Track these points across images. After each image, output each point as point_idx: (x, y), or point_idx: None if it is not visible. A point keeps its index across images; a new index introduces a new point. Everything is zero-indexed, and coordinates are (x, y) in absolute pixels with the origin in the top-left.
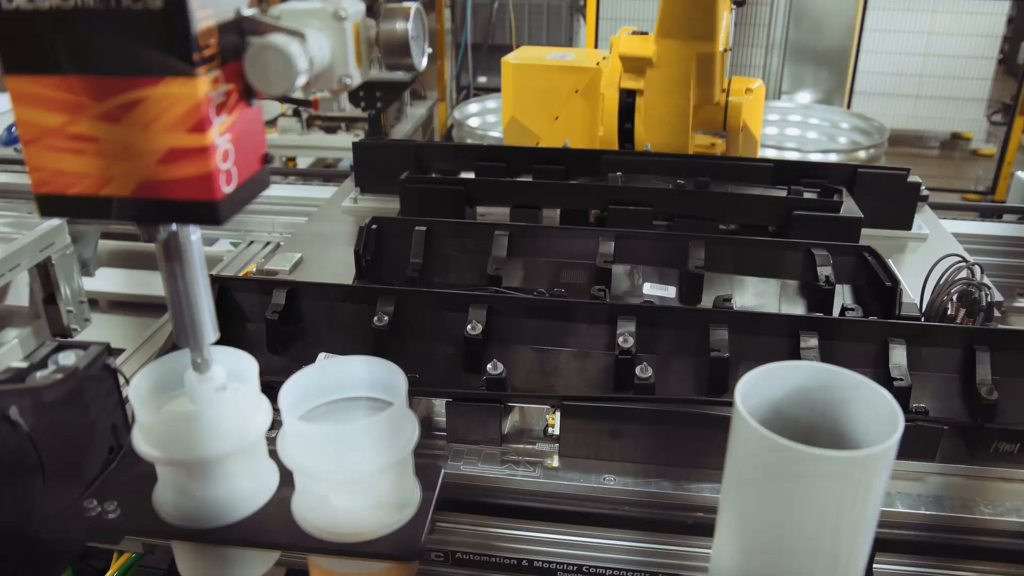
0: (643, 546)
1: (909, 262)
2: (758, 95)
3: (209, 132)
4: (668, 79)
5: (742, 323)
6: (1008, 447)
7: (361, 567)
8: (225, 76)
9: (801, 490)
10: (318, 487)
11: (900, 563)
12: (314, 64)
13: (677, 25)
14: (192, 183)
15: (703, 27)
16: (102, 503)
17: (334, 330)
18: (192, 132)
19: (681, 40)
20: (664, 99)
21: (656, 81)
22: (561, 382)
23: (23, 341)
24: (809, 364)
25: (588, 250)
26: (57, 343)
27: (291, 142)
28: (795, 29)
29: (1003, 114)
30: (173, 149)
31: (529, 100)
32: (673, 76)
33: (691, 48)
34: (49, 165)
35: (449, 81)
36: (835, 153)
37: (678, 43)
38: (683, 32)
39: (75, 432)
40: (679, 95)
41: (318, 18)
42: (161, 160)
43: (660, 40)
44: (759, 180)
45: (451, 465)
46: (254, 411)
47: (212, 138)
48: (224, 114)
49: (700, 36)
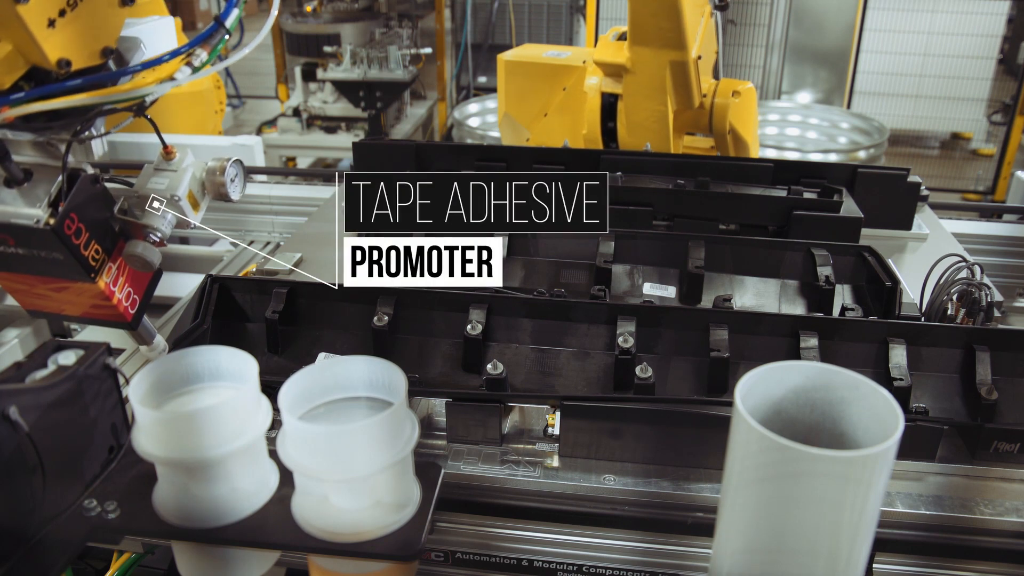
0: (643, 546)
1: (909, 262)
2: (747, 97)
3: (114, 297)
4: (644, 85)
5: (742, 323)
6: (1008, 447)
7: (361, 567)
8: (113, 261)
9: (801, 490)
10: (318, 487)
11: (900, 563)
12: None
13: (646, 33)
14: (112, 316)
15: (672, 36)
16: (102, 503)
17: (334, 330)
18: (103, 300)
19: (652, 48)
20: (642, 104)
21: (633, 87)
22: (561, 382)
23: (23, 341)
24: (809, 364)
25: (588, 250)
26: (57, 343)
27: (291, 142)
28: (795, 29)
29: (1003, 114)
30: (95, 304)
31: (520, 96)
32: (648, 82)
33: (663, 56)
34: (27, 301)
35: (449, 81)
36: (835, 153)
37: (649, 51)
38: (653, 40)
39: (75, 432)
40: (656, 101)
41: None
42: (91, 306)
43: (632, 47)
44: (759, 180)
45: (451, 465)
46: (254, 411)
47: (116, 298)
48: (120, 278)
49: (670, 44)
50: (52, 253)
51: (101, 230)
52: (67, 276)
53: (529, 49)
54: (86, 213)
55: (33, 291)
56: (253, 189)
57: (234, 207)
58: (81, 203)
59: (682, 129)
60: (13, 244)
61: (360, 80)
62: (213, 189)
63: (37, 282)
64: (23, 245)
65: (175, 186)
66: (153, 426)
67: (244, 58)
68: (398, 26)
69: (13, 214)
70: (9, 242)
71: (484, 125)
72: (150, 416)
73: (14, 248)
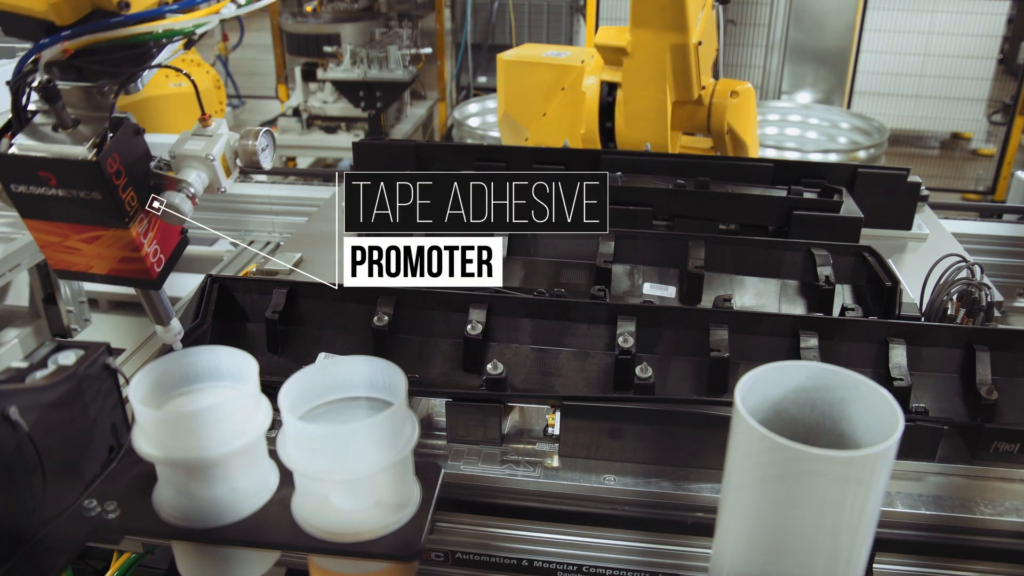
0: (643, 546)
1: (909, 262)
2: (745, 98)
3: (143, 249)
4: (644, 70)
5: (742, 323)
6: (1008, 447)
7: (361, 567)
8: (145, 214)
9: (801, 490)
10: (318, 487)
11: (900, 563)
12: (198, 193)
13: (648, 15)
14: (139, 272)
15: (673, 17)
16: (102, 503)
17: (334, 330)
18: (132, 251)
19: (653, 30)
20: (641, 91)
21: (632, 72)
22: (561, 382)
23: (23, 341)
24: (809, 364)
25: (588, 250)
26: (57, 343)
27: (291, 142)
28: (795, 29)
29: (1003, 114)
30: (124, 258)
31: (519, 96)
32: (648, 67)
33: (664, 39)
34: (56, 257)
35: (449, 81)
36: (835, 153)
37: (651, 33)
38: (655, 22)
39: (75, 432)
40: (655, 88)
41: (197, 160)
42: (120, 261)
43: (634, 30)
44: (759, 180)
45: (451, 465)
46: (254, 411)
47: (144, 251)
48: (150, 231)
49: (672, 26)
50: (91, 193)
51: (139, 179)
52: (101, 223)
53: (529, 49)
54: (127, 158)
55: (65, 244)
56: (253, 189)
57: (234, 207)
58: (124, 148)
59: (680, 127)
60: (55, 184)
61: (360, 80)
62: (245, 157)
63: (71, 232)
64: (64, 185)
65: (210, 148)
66: (153, 426)
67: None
68: (398, 26)
69: (59, 152)
70: (51, 182)
71: (484, 125)
72: (150, 416)
73: (55, 190)
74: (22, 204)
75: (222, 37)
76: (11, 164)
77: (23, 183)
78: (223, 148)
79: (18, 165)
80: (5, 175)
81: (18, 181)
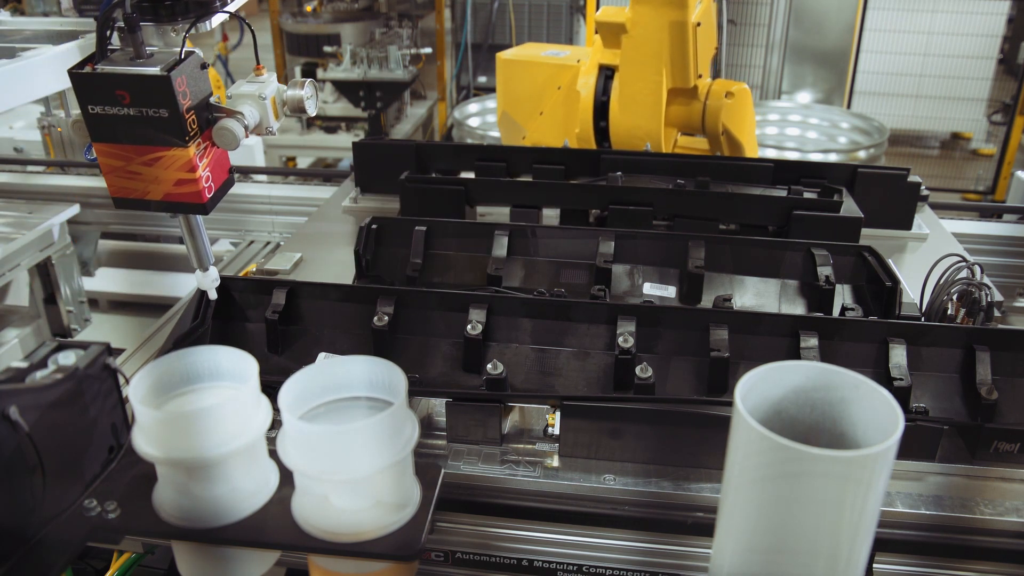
0: (643, 546)
1: (909, 262)
2: (741, 98)
3: (197, 171)
4: (642, 49)
5: (742, 323)
6: (1008, 447)
7: (361, 567)
8: (203, 139)
9: (801, 490)
10: (318, 487)
11: (900, 563)
12: (249, 126)
13: None
14: (192, 195)
15: None
16: (102, 503)
17: (334, 330)
18: (188, 172)
19: (653, 6)
20: (638, 72)
21: (631, 51)
22: (561, 382)
23: (23, 341)
24: (809, 364)
25: (588, 250)
26: (57, 343)
27: (291, 142)
28: (795, 29)
29: (1003, 114)
30: (180, 179)
31: (517, 95)
32: (647, 46)
33: (663, 15)
34: (117, 183)
35: (449, 81)
36: (835, 153)
37: (650, 8)
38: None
39: (75, 432)
40: (652, 69)
41: (251, 99)
42: (175, 183)
43: (634, 6)
44: (759, 180)
45: (451, 465)
46: (254, 411)
47: (199, 173)
48: (204, 158)
49: (671, 2)
50: (159, 110)
51: (199, 105)
52: (164, 142)
53: (528, 48)
54: (192, 83)
55: (127, 168)
56: (253, 189)
57: (234, 207)
58: (191, 73)
59: (676, 124)
60: (128, 103)
61: (360, 80)
62: (293, 103)
63: (134, 155)
64: (135, 102)
65: (262, 89)
66: (153, 426)
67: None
68: (398, 26)
69: (134, 71)
70: (125, 100)
71: (484, 125)
72: (150, 416)
73: (127, 108)
74: (96, 125)
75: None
76: (92, 82)
77: (100, 103)
78: (273, 92)
79: (99, 83)
80: (87, 94)
81: (96, 101)
